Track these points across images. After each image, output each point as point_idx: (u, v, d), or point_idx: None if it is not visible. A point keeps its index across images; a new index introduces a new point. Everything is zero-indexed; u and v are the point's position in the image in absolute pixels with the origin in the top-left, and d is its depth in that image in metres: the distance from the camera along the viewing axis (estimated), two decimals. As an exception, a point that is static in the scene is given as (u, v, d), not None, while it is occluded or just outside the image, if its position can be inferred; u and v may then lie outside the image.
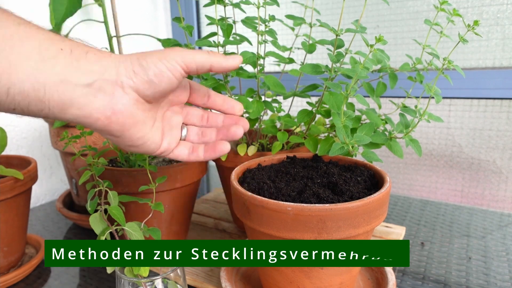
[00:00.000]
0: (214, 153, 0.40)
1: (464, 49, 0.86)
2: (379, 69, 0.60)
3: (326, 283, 0.41)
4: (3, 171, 0.54)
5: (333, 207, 0.36)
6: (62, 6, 0.58)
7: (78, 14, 0.62)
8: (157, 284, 0.41)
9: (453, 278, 0.55)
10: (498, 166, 0.88)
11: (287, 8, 1.04)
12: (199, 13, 1.22)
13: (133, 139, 0.36)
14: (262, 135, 0.62)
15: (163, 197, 0.56)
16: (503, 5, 0.80)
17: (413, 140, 0.50)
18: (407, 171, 0.99)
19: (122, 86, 0.33)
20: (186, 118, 0.42)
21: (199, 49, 0.38)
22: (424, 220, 0.74)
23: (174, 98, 0.40)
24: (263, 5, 0.52)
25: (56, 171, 0.95)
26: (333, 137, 0.56)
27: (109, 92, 0.32)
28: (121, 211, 0.43)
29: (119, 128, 0.34)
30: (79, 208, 0.78)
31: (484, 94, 0.83)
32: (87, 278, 0.58)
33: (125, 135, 0.35)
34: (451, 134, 0.92)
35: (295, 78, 0.79)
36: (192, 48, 0.52)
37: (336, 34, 0.50)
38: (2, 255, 0.56)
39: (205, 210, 0.78)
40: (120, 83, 0.33)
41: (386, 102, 0.89)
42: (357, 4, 0.95)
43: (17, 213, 0.57)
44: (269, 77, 0.52)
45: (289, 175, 0.46)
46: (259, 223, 0.39)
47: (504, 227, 0.70)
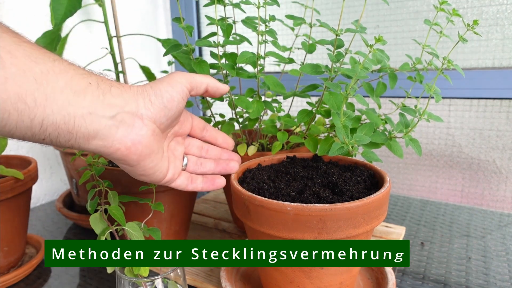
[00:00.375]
0: (213, 186, 0.45)
1: (464, 49, 0.86)
2: (379, 69, 0.60)
3: (326, 283, 0.41)
4: (3, 171, 0.54)
5: (333, 207, 0.36)
6: (62, 6, 0.58)
7: (78, 14, 0.62)
8: (157, 284, 0.41)
9: (453, 278, 0.55)
10: (498, 166, 0.88)
11: (287, 8, 1.04)
12: (199, 13, 1.22)
13: (146, 169, 0.39)
14: (262, 135, 0.62)
15: (163, 197, 0.56)
16: (502, 5, 0.80)
17: (413, 139, 0.50)
18: (407, 171, 0.99)
19: (141, 118, 0.36)
20: (186, 148, 0.46)
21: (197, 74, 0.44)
22: (424, 220, 0.74)
23: (179, 129, 0.44)
24: (263, 5, 0.52)
25: (56, 171, 0.95)
26: (333, 137, 0.56)
27: (130, 124, 0.35)
28: (121, 211, 0.43)
29: (136, 158, 0.37)
30: (79, 208, 0.78)
31: (484, 94, 0.83)
32: (87, 278, 0.58)
33: (140, 165, 0.38)
34: (451, 134, 0.92)
35: (295, 78, 0.79)
36: (192, 49, 0.53)
37: (336, 34, 0.51)
38: (2, 255, 0.56)
39: (205, 210, 0.78)
40: (140, 115, 0.36)
41: (386, 102, 0.89)
42: (357, 4, 0.95)
43: (17, 213, 0.57)
44: (269, 77, 0.52)
45: (289, 175, 0.46)
46: (259, 223, 0.39)
47: (503, 227, 0.70)
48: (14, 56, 0.29)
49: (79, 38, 0.96)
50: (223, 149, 0.48)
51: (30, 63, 0.30)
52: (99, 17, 0.70)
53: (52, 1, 0.59)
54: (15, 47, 0.29)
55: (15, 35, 0.30)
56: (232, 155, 0.48)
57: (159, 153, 0.39)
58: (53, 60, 0.32)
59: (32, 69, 0.30)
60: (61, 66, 0.32)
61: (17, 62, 0.29)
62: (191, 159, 0.46)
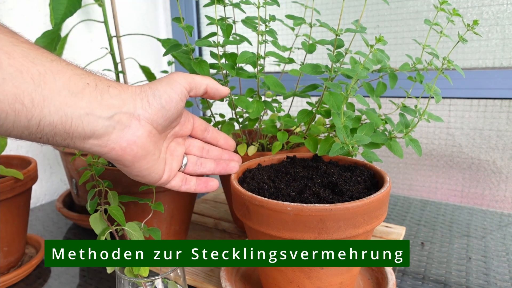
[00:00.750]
0: (206, 189, 0.46)
1: (464, 49, 0.86)
2: (379, 69, 0.60)
3: (326, 283, 0.41)
4: (3, 171, 0.54)
5: (333, 207, 0.36)
6: (61, 6, 0.58)
7: (78, 14, 0.62)
8: (157, 284, 0.41)
9: (453, 278, 0.55)
10: (498, 166, 0.88)
11: (287, 8, 1.04)
12: (199, 13, 1.22)
13: (141, 170, 0.39)
14: (262, 135, 0.62)
15: (163, 197, 0.56)
16: (503, 5, 0.80)
17: (413, 140, 0.50)
18: (407, 171, 0.99)
19: (138, 119, 0.36)
20: (187, 149, 0.46)
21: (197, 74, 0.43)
22: (424, 220, 0.74)
23: (179, 131, 0.44)
24: (263, 5, 0.52)
25: (56, 171, 0.95)
26: (333, 137, 0.56)
27: (126, 125, 0.35)
28: (121, 211, 0.43)
29: (131, 158, 0.37)
30: (79, 208, 0.78)
31: (484, 94, 0.83)
32: (87, 278, 0.58)
33: (135, 166, 0.38)
34: (451, 134, 0.92)
35: (295, 78, 0.79)
36: (192, 49, 0.53)
37: (336, 34, 0.50)
38: (2, 255, 0.56)
39: (205, 210, 0.78)
40: (137, 115, 0.36)
41: (386, 102, 0.89)
42: (357, 4, 0.95)
43: (17, 213, 0.57)
44: (269, 77, 0.52)
45: (289, 175, 0.46)
46: (259, 223, 0.39)
47: (504, 227, 0.70)
48: (12, 57, 0.29)
49: (79, 38, 0.96)
50: (224, 150, 0.48)
51: (27, 64, 0.30)
52: (99, 17, 0.70)
53: (52, 1, 0.59)
54: (13, 48, 0.29)
55: (13, 36, 0.30)
56: (232, 156, 0.48)
57: (155, 155, 0.39)
58: (51, 60, 0.32)
59: (29, 69, 0.30)
60: (59, 67, 0.32)
61: (15, 62, 0.29)
62: (191, 159, 0.46)
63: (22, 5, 0.84)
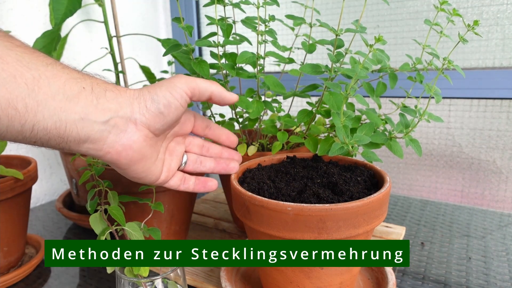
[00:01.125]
0: (204, 188, 0.46)
1: (464, 49, 0.86)
2: (379, 69, 0.60)
3: (326, 283, 0.41)
4: (3, 171, 0.54)
5: (333, 207, 0.36)
6: (62, 6, 0.58)
7: (78, 14, 0.62)
8: (157, 284, 0.41)
9: (453, 278, 0.55)
10: (498, 166, 0.88)
11: (287, 8, 1.04)
12: (199, 13, 1.22)
13: (137, 172, 0.38)
14: (262, 135, 0.62)
15: (163, 197, 0.56)
16: (503, 5, 0.80)
17: (413, 140, 0.50)
18: (407, 171, 0.99)
19: (135, 123, 0.36)
20: (187, 147, 0.46)
21: (201, 78, 0.41)
22: (424, 220, 0.74)
23: (179, 130, 0.43)
24: (263, 5, 0.52)
25: (56, 171, 0.95)
26: (333, 137, 0.56)
27: (122, 129, 0.35)
28: (121, 211, 0.43)
29: (126, 162, 0.37)
30: (79, 208, 0.78)
31: (484, 94, 0.83)
32: (87, 278, 0.58)
33: (131, 169, 0.38)
34: (451, 134, 0.92)
35: (295, 78, 0.79)
36: (192, 49, 0.52)
37: (336, 34, 0.50)
38: (2, 255, 0.56)
39: (205, 210, 0.78)
40: (134, 120, 0.35)
41: (386, 102, 0.89)
42: (357, 4, 0.95)
43: (17, 213, 0.57)
44: (269, 77, 0.52)
45: (289, 175, 0.46)
46: (259, 223, 0.39)
47: (504, 227, 0.70)
48: (5, 62, 0.29)
49: (79, 38, 0.96)
50: (224, 147, 0.48)
51: (21, 68, 0.29)
52: (99, 17, 0.70)
53: (52, 1, 0.59)
54: (7, 52, 0.29)
55: (8, 39, 0.30)
56: (232, 154, 0.48)
57: (152, 158, 0.39)
58: (47, 64, 0.31)
59: (23, 74, 0.29)
60: (54, 71, 0.31)
61: (8, 67, 0.29)
62: (191, 158, 0.45)
63: (22, 5, 0.84)
